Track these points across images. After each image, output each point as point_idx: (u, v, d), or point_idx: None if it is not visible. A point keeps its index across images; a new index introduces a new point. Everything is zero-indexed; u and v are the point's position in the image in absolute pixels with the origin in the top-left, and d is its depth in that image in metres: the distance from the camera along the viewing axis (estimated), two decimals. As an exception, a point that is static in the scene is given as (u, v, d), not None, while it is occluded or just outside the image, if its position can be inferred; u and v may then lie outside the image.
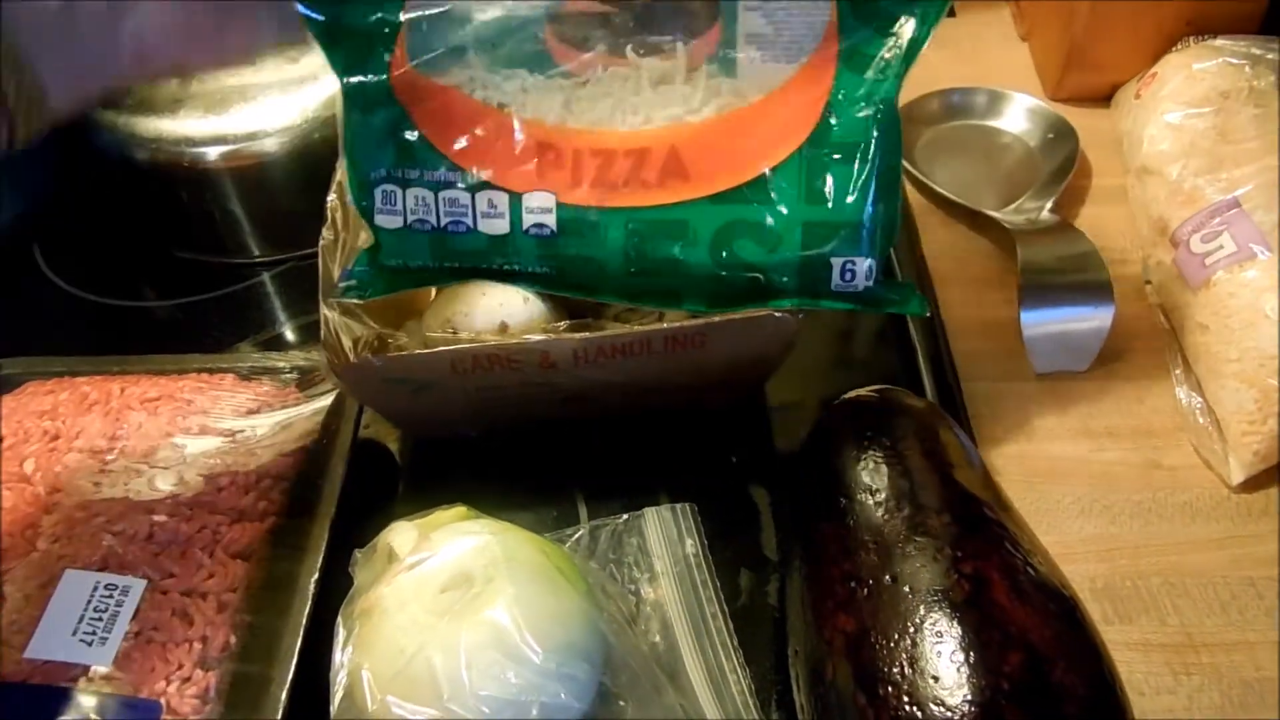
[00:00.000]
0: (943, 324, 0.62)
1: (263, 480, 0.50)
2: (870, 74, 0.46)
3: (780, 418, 0.60)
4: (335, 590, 0.46)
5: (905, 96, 0.46)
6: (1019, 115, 0.75)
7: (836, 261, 0.46)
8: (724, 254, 0.46)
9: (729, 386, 0.55)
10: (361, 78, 0.47)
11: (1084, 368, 0.59)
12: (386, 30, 0.47)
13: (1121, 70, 0.74)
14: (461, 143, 0.48)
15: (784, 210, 0.46)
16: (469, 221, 0.47)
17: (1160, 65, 0.69)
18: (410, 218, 0.48)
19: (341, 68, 0.48)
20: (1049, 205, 0.66)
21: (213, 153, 0.66)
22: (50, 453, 0.49)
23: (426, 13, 0.47)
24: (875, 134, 0.45)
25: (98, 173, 0.72)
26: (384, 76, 0.47)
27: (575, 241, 0.47)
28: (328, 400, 0.55)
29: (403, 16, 0.47)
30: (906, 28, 0.46)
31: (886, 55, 0.46)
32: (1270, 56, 0.64)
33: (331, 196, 0.54)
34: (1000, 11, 0.87)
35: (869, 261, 0.46)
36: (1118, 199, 0.69)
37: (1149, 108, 0.67)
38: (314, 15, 0.47)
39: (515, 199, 0.47)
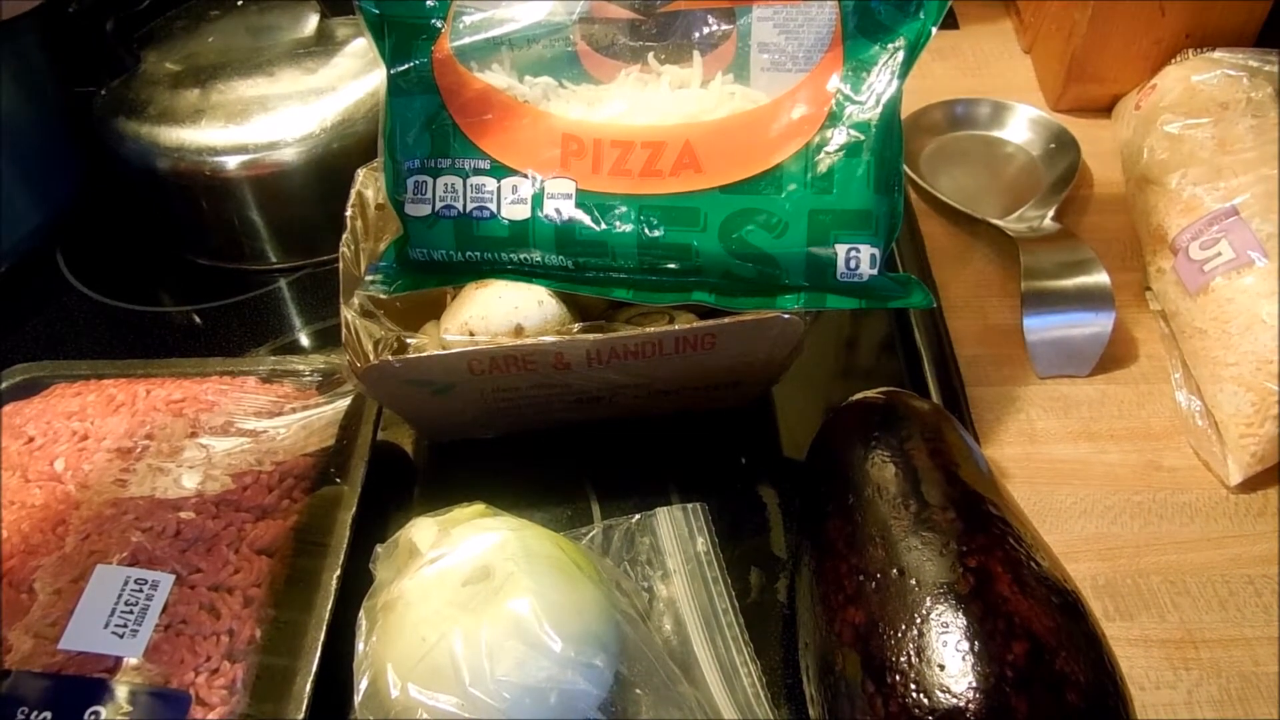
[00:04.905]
0: (947, 329, 0.63)
1: (285, 479, 0.51)
2: (872, 77, 0.47)
3: (788, 421, 0.61)
4: (356, 586, 0.47)
5: (910, 107, 0.48)
6: (1021, 126, 0.76)
7: (841, 249, 0.47)
8: (733, 240, 0.48)
9: (738, 388, 0.56)
10: (406, 67, 0.50)
11: (1085, 372, 0.60)
12: (434, 22, 0.50)
13: (1122, 82, 0.75)
14: (491, 132, 0.50)
15: (791, 200, 0.47)
16: (493, 207, 0.49)
17: (1160, 77, 0.70)
18: (438, 204, 0.50)
19: (389, 58, 0.50)
20: (1051, 213, 0.67)
21: (232, 162, 0.68)
22: (79, 452, 0.50)
23: (473, 8, 0.50)
24: (878, 131, 0.47)
25: (120, 181, 0.74)
26: (427, 67, 0.50)
27: (592, 227, 0.49)
28: (347, 402, 0.56)
29: (452, 7, 0.50)
30: (905, 35, 0.47)
31: (887, 60, 0.47)
32: (1268, 68, 0.65)
33: (350, 209, 0.55)
34: (1003, 25, 0.88)
35: (873, 250, 0.47)
36: (1118, 207, 0.70)
37: (1149, 118, 0.68)
38: (368, 7, 0.50)
39: (538, 185, 0.49)
